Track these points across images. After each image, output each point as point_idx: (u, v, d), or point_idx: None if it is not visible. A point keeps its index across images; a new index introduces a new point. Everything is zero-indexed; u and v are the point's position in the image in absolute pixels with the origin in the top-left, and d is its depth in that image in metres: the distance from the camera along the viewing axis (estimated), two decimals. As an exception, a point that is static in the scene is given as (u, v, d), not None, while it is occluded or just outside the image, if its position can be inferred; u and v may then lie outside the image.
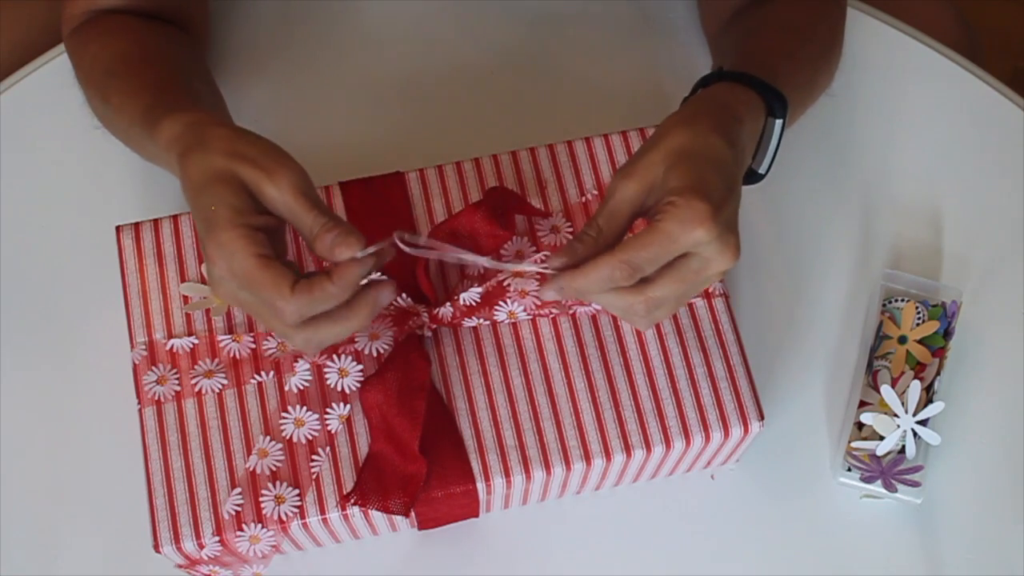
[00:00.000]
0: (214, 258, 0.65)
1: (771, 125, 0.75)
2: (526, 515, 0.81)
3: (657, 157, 0.67)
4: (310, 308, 0.65)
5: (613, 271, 0.65)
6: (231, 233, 0.65)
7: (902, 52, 0.96)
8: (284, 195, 0.66)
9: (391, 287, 0.67)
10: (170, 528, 0.72)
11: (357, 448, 0.74)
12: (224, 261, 0.65)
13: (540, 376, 0.76)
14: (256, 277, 0.64)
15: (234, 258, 0.65)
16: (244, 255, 0.64)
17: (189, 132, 0.69)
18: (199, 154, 0.67)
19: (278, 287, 0.64)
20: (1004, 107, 0.95)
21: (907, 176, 0.93)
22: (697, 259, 0.66)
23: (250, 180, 0.66)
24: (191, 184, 0.67)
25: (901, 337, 0.84)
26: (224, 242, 0.65)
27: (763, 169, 0.77)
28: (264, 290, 0.64)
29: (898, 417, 0.80)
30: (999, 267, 0.90)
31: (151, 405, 0.75)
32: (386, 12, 0.98)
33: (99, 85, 0.81)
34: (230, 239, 0.65)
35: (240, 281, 0.65)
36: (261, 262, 0.64)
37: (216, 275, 0.66)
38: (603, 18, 0.98)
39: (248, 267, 0.64)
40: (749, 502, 0.83)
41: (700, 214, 0.64)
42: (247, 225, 0.65)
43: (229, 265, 0.65)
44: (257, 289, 0.65)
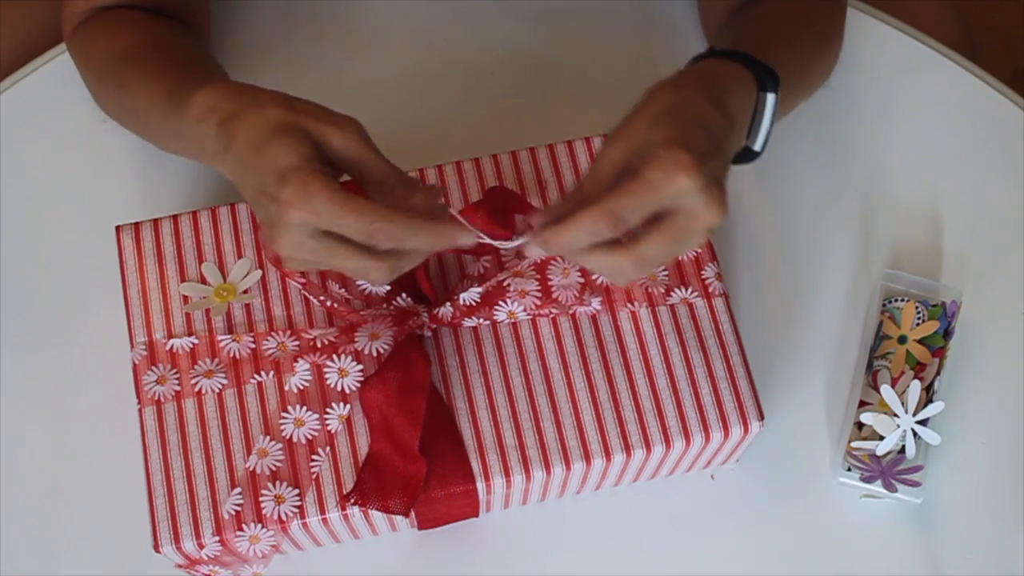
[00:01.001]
0: (294, 204, 0.64)
1: (763, 100, 0.74)
2: (526, 515, 0.81)
3: (641, 119, 0.67)
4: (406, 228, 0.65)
5: (596, 222, 0.64)
6: (312, 176, 0.64)
7: (902, 52, 0.96)
8: (353, 143, 0.66)
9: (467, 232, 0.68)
10: (170, 528, 0.72)
11: (357, 448, 0.74)
12: (307, 203, 0.64)
13: (540, 376, 0.76)
14: (348, 207, 0.64)
15: (319, 197, 0.64)
16: (330, 190, 0.64)
17: (231, 97, 0.69)
18: (254, 112, 0.67)
19: (373, 210, 0.64)
20: (1004, 107, 0.95)
21: (907, 176, 0.93)
22: (683, 213, 0.65)
23: (316, 131, 0.66)
24: (248, 142, 0.66)
25: (901, 337, 0.84)
26: (305, 184, 0.64)
27: (758, 145, 0.76)
28: (361, 217, 0.64)
29: (898, 417, 0.80)
30: (999, 267, 0.90)
31: (151, 405, 0.75)
32: (386, 12, 0.98)
33: (115, 73, 0.81)
34: (311, 180, 0.64)
35: (328, 218, 0.64)
36: (347, 195, 0.64)
37: (295, 222, 0.64)
38: (603, 18, 0.99)
39: (338, 200, 0.64)
40: (749, 502, 0.83)
41: (682, 162, 0.64)
42: (322, 170, 0.65)
43: (312, 207, 0.64)
44: (352, 220, 0.64)
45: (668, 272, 0.78)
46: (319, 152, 0.66)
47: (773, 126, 0.75)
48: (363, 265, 0.67)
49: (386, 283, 0.71)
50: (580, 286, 0.77)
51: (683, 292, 0.78)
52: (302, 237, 0.65)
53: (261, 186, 0.66)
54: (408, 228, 0.65)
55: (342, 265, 0.67)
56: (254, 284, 0.78)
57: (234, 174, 0.68)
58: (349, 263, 0.66)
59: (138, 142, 0.91)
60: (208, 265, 0.79)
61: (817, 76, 0.87)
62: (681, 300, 0.78)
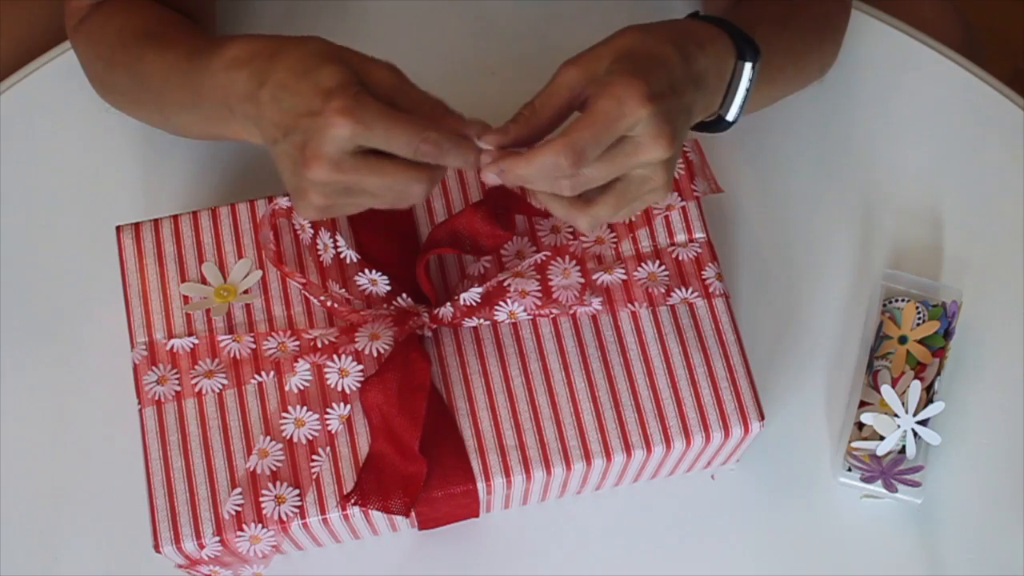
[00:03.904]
0: (344, 113, 0.63)
1: (740, 68, 0.74)
2: (526, 515, 0.81)
3: (604, 51, 0.67)
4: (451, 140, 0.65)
5: (557, 156, 0.64)
6: (361, 92, 0.64)
7: (902, 52, 0.96)
8: (393, 77, 0.66)
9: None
10: (170, 528, 0.72)
11: (357, 448, 0.74)
12: (357, 114, 0.63)
13: (540, 376, 0.76)
14: (401, 119, 0.64)
15: (370, 109, 0.63)
16: (379, 104, 0.64)
17: (269, 44, 0.68)
18: (297, 44, 0.67)
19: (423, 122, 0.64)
20: (1004, 107, 0.95)
21: (907, 176, 0.93)
22: (630, 142, 0.65)
23: (358, 63, 0.66)
24: (290, 68, 0.66)
25: (901, 337, 0.84)
26: (356, 96, 0.64)
27: (731, 115, 0.75)
28: (413, 128, 0.64)
29: (898, 417, 0.80)
30: (999, 267, 0.90)
31: (151, 405, 0.75)
32: (387, 12, 0.98)
33: (130, 50, 0.80)
34: (361, 94, 0.64)
35: (380, 130, 0.64)
36: (396, 110, 0.64)
37: (343, 135, 0.64)
38: (604, 17, 0.98)
39: (389, 113, 0.64)
40: (749, 502, 0.83)
41: (634, 91, 0.64)
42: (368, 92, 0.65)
43: (363, 118, 0.63)
44: (402, 129, 0.64)
45: (668, 272, 0.78)
46: (364, 84, 0.66)
47: (748, 98, 0.75)
48: (407, 178, 0.66)
49: (423, 199, 0.69)
50: (580, 286, 0.77)
51: (683, 292, 0.78)
52: (343, 154, 0.64)
53: (303, 108, 0.65)
54: (452, 143, 0.65)
55: (384, 183, 0.66)
56: (254, 284, 0.78)
57: (263, 108, 0.67)
58: (391, 179, 0.65)
59: (138, 142, 0.91)
60: (208, 265, 0.79)
61: (809, 66, 0.86)
62: (681, 300, 0.78)
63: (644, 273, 0.78)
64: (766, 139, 0.93)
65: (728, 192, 0.88)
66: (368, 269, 0.77)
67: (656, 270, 0.78)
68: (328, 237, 0.78)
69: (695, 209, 0.80)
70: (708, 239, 0.80)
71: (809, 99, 0.93)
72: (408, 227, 0.80)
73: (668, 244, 0.79)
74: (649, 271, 0.78)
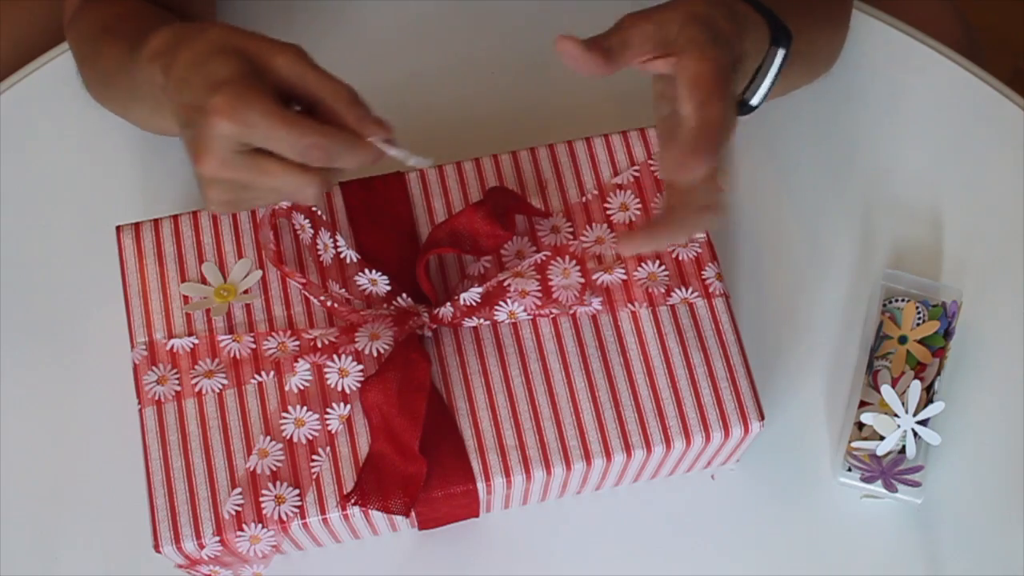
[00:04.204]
0: (224, 112, 0.62)
1: (772, 54, 0.73)
2: (526, 515, 0.81)
3: (675, 15, 0.68)
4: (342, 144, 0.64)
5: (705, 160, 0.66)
6: (247, 89, 0.62)
7: (902, 52, 0.96)
8: (295, 63, 0.65)
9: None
10: (170, 528, 0.72)
11: (357, 448, 0.74)
12: (239, 113, 0.62)
13: (540, 376, 0.76)
14: (285, 120, 0.62)
15: (253, 109, 0.62)
16: (265, 103, 0.62)
17: (176, 34, 0.67)
18: (197, 35, 0.65)
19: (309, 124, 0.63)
20: (1004, 107, 0.95)
21: (907, 176, 0.93)
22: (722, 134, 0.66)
23: (257, 52, 0.64)
24: (187, 61, 0.64)
25: (901, 337, 0.84)
26: (239, 94, 0.62)
27: (756, 101, 0.75)
28: (296, 131, 0.62)
29: (898, 417, 0.80)
30: (999, 267, 0.90)
31: (151, 405, 0.75)
32: (387, 12, 0.98)
33: (95, 46, 0.80)
34: (246, 92, 0.62)
35: (262, 131, 0.62)
36: (283, 109, 0.63)
37: (223, 133, 0.62)
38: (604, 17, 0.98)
39: (274, 112, 0.62)
40: (749, 502, 0.83)
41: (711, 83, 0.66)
42: (259, 86, 0.63)
43: (245, 117, 0.62)
44: (286, 132, 0.62)
45: (668, 272, 0.78)
46: (260, 74, 0.64)
47: (774, 86, 0.74)
48: (296, 181, 0.64)
49: (318, 200, 0.68)
50: (580, 286, 0.77)
51: (683, 292, 0.78)
52: (228, 152, 0.63)
53: (194, 101, 0.63)
54: (343, 146, 0.64)
55: (272, 184, 0.65)
56: (254, 284, 0.78)
57: (171, 99, 0.66)
58: (281, 180, 0.64)
59: (138, 142, 0.91)
60: (208, 265, 0.79)
61: (821, 57, 0.86)
62: (681, 300, 0.78)
63: (644, 273, 0.78)
64: (766, 139, 0.93)
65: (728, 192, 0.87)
66: (368, 269, 0.77)
67: (656, 270, 0.78)
68: (328, 237, 0.78)
69: (695, 209, 0.80)
70: (708, 239, 0.80)
71: (809, 99, 0.93)
72: (408, 227, 0.80)
73: (668, 244, 0.80)
74: (649, 271, 0.78)
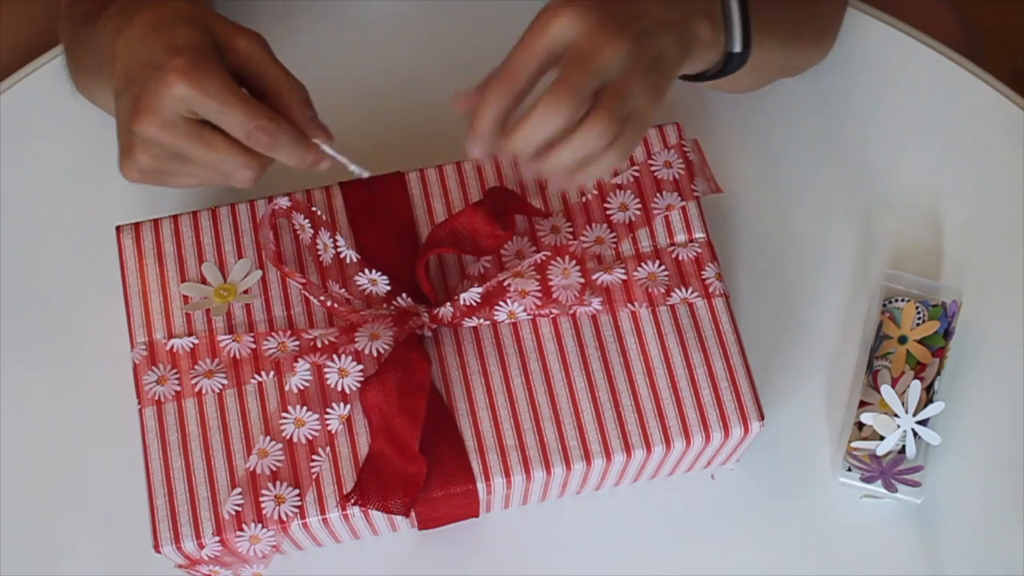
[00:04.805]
0: (183, 73, 0.62)
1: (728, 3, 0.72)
2: (526, 515, 0.81)
3: None
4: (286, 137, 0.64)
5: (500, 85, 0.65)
6: (209, 60, 0.63)
7: (902, 52, 0.96)
8: (256, 48, 0.65)
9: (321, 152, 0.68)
10: (170, 528, 0.72)
11: (357, 448, 0.74)
12: (197, 79, 0.62)
13: (540, 376, 0.76)
14: (240, 98, 0.63)
15: (212, 78, 0.62)
16: (223, 77, 0.63)
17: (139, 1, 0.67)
18: (159, 3, 0.65)
19: (263, 109, 0.63)
20: (1004, 107, 0.95)
21: (907, 176, 0.93)
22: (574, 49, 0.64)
23: (222, 31, 0.65)
24: (147, 23, 0.64)
25: (901, 337, 0.84)
26: (201, 61, 0.62)
27: (736, 46, 0.73)
28: (249, 111, 0.63)
29: (898, 417, 0.80)
30: (999, 267, 0.90)
31: (151, 405, 0.75)
32: (386, 11, 0.98)
33: (75, 32, 0.79)
34: (208, 61, 0.62)
35: (215, 102, 0.63)
36: (239, 87, 0.63)
37: (177, 94, 0.62)
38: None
39: (230, 88, 0.63)
40: (749, 502, 0.83)
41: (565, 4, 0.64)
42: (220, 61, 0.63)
43: (203, 84, 0.62)
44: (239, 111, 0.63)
45: (668, 272, 0.78)
46: (220, 51, 0.65)
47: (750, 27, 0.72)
48: (236, 161, 0.65)
49: (250, 185, 0.69)
50: (580, 286, 0.77)
51: (683, 292, 0.78)
52: (176, 116, 0.63)
53: (147, 59, 0.63)
54: (289, 137, 0.64)
55: (211, 159, 0.65)
56: (254, 284, 0.78)
57: (116, 60, 0.66)
58: (221, 156, 0.65)
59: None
60: (208, 265, 0.79)
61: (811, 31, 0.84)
62: (681, 300, 0.78)
63: (644, 273, 0.78)
64: (766, 139, 0.93)
65: (728, 192, 0.87)
66: (368, 269, 0.77)
67: (656, 270, 0.78)
68: (328, 237, 0.78)
69: (695, 209, 0.80)
70: (708, 239, 0.80)
71: (809, 98, 0.93)
72: (408, 227, 0.80)
73: (668, 244, 0.79)
74: (649, 271, 0.78)
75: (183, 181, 0.68)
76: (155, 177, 0.67)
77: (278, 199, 0.79)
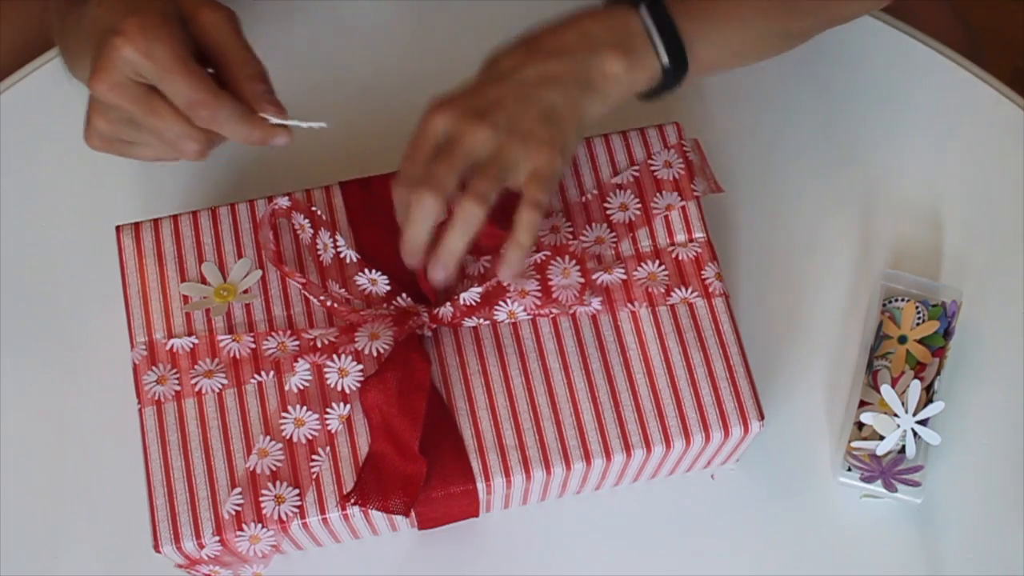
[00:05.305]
0: (132, 35, 0.62)
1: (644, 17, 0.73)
2: (526, 515, 0.81)
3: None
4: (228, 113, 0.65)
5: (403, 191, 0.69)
6: (163, 25, 0.63)
7: (902, 52, 0.96)
8: (221, 22, 0.66)
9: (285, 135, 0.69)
10: (170, 528, 0.72)
11: (357, 448, 0.74)
12: (145, 41, 0.62)
13: (540, 376, 0.76)
14: (184, 67, 0.63)
15: (161, 42, 0.62)
16: (174, 43, 0.63)
17: None
18: None
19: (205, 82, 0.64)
20: (1004, 107, 0.95)
21: (907, 176, 0.93)
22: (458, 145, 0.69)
23: (188, 3, 0.65)
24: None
25: (901, 337, 0.84)
26: (152, 26, 0.62)
27: (663, 61, 0.74)
28: (191, 83, 0.63)
29: (898, 417, 0.80)
30: (999, 267, 0.90)
31: (151, 405, 0.75)
32: (385, 12, 0.98)
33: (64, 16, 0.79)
34: (160, 25, 0.63)
35: (160, 68, 0.63)
36: (187, 57, 0.63)
37: (125, 56, 0.63)
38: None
39: (178, 55, 0.63)
40: (749, 502, 0.83)
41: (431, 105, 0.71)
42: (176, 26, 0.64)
43: (150, 48, 0.62)
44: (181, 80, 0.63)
45: (668, 272, 0.78)
46: (183, 21, 0.65)
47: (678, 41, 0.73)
48: (179, 131, 0.65)
49: (198, 159, 0.69)
50: (580, 286, 0.77)
51: (683, 292, 0.78)
52: (125, 78, 0.63)
53: (108, 23, 0.64)
54: (231, 113, 0.65)
55: (157, 126, 0.65)
56: (254, 284, 0.78)
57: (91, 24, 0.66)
58: (166, 124, 0.65)
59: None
60: (208, 265, 0.79)
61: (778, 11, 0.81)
62: (681, 300, 0.78)
63: (644, 273, 0.78)
64: (766, 139, 0.93)
65: (728, 192, 0.87)
66: (368, 269, 0.77)
67: (656, 270, 0.78)
68: (328, 237, 0.78)
69: (695, 209, 0.80)
70: (708, 239, 0.80)
71: (809, 98, 0.93)
72: (408, 227, 0.80)
73: (668, 244, 0.79)
74: (649, 271, 0.78)
75: (141, 152, 0.68)
76: (115, 146, 0.68)
77: (278, 199, 0.79)
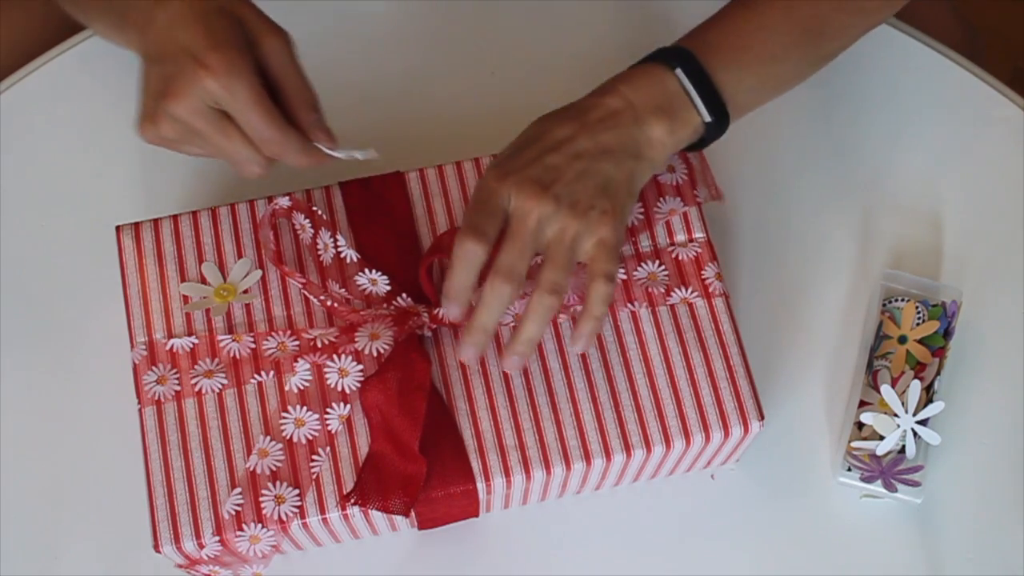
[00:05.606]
0: (216, 71, 0.66)
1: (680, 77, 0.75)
2: (526, 515, 0.81)
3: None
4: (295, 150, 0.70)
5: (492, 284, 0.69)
6: (244, 61, 0.67)
7: (902, 52, 0.96)
8: (282, 48, 0.70)
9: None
10: (170, 528, 0.72)
11: (357, 448, 0.74)
12: (228, 78, 0.66)
13: (540, 376, 0.76)
14: (262, 106, 0.68)
15: (242, 80, 0.67)
16: (253, 81, 0.67)
17: None
18: None
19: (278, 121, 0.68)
20: (1004, 107, 0.95)
21: (907, 176, 0.93)
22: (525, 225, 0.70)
23: (255, 27, 0.69)
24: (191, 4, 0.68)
25: (901, 337, 0.84)
26: (235, 61, 0.67)
27: (705, 118, 0.75)
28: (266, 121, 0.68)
29: (898, 417, 0.80)
30: (999, 267, 0.90)
31: (151, 405, 0.75)
32: (386, 11, 0.98)
33: None
34: (243, 63, 0.67)
35: (239, 104, 0.67)
36: (264, 94, 0.68)
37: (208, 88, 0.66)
38: (604, 18, 0.99)
39: (257, 93, 0.67)
40: (749, 502, 0.83)
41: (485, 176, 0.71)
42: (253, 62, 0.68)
43: (232, 84, 0.66)
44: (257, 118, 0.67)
45: (668, 272, 0.78)
46: (251, 48, 0.69)
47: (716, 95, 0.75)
48: (247, 156, 0.70)
49: (256, 179, 0.73)
50: (581, 286, 0.77)
51: (683, 292, 0.78)
52: (203, 105, 0.68)
53: (187, 45, 0.67)
54: (295, 147, 0.70)
55: (225, 146, 0.69)
56: (254, 284, 0.78)
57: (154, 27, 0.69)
58: (235, 148, 0.69)
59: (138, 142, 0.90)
60: (208, 265, 0.79)
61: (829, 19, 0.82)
62: (681, 300, 0.78)
63: (644, 273, 0.78)
64: (766, 139, 0.93)
65: (728, 192, 0.87)
66: (368, 269, 0.77)
67: (656, 270, 0.78)
68: (328, 237, 0.78)
69: (695, 209, 0.80)
70: (708, 239, 0.80)
71: (809, 99, 0.93)
72: (408, 227, 0.80)
73: (668, 244, 0.79)
74: (649, 271, 0.78)
75: (195, 151, 0.72)
76: (171, 145, 0.71)
77: (278, 199, 0.79)
